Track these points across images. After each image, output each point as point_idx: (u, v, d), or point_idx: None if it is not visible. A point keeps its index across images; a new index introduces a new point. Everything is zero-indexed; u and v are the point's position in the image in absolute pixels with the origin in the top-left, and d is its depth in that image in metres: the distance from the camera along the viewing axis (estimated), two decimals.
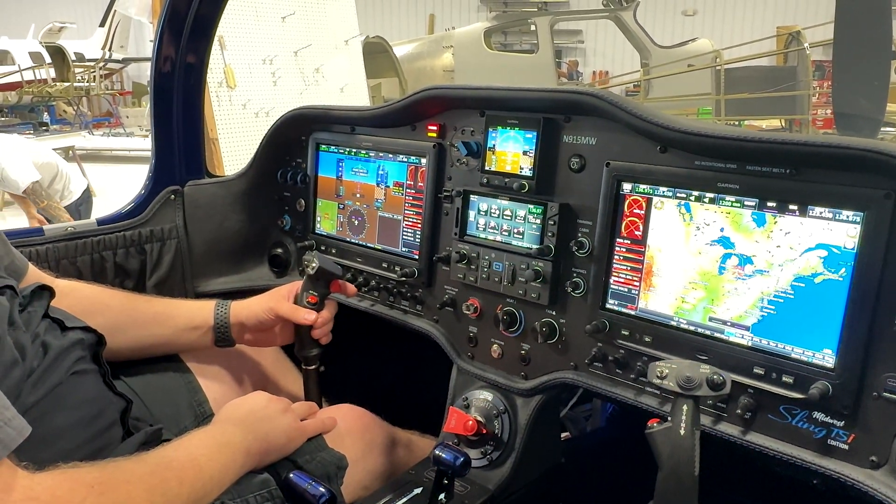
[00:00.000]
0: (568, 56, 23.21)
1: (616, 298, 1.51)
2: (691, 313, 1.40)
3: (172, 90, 2.04)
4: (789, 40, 11.83)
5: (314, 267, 1.73)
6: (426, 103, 1.78)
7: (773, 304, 1.30)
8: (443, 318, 1.84)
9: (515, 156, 1.63)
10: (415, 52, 12.46)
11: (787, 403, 1.28)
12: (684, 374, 1.15)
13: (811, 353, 1.26)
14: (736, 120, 11.60)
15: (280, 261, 2.22)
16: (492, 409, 1.69)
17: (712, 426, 1.35)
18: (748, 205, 1.31)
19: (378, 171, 1.96)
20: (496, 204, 1.69)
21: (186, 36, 1.96)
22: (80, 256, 1.93)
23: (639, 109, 1.41)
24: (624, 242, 1.49)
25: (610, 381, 1.53)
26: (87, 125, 17.28)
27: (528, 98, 1.60)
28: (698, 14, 22.54)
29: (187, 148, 2.15)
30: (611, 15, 12.56)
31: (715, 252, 1.36)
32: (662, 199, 1.43)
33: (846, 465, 1.22)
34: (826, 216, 1.22)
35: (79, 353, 1.34)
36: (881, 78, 3.05)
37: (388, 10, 24.44)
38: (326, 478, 1.52)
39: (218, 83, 6.09)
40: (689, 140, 1.34)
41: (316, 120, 2.06)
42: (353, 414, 1.73)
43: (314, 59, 6.95)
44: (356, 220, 2.03)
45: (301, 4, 6.84)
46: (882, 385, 1.18)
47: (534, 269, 1.60)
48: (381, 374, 2.41)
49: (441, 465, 1.41)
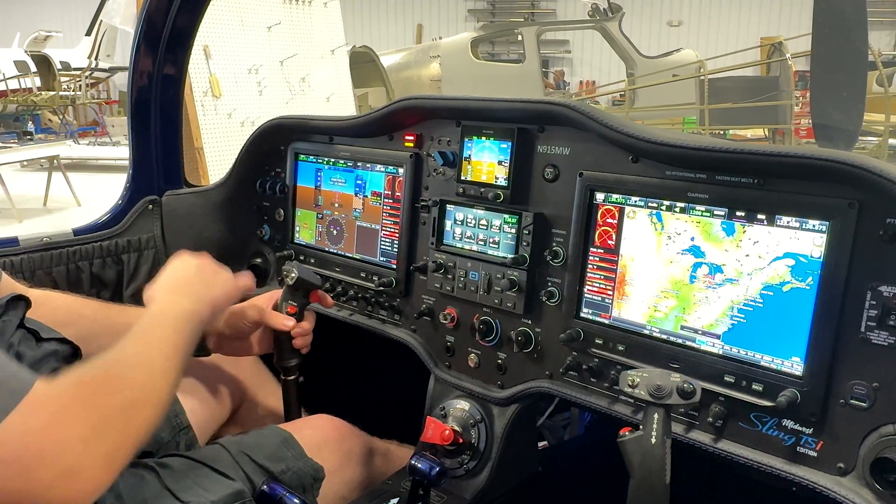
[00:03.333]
0: (555, 66, 23.36)
1: (590, 307, 1.52)
2: (663, 322, 1.42)
3: (150, 101, 2.04)
4: (772, 51, 11.98)
5: (293, 277, 1.73)
6: (403, 113, 1.79)
7: (742, 313, 1.31)
8: (420, 328, 1.84)
9: (491, 165, 1.64)
10: (402, 62, 12.51)
11: (757, 411, 1.29)
12: (655, 382, 1.16)
13: (780, 361, 1.27)
14: (720, 129, 11.72)
15: (259, 270, 2.22)
16: (469, 419, 1.69)
17: (684, 434, 1.36)
18: (718, 214, 1.33)
19: (356, 180, 1.96)
20: (472, 213, 1.69)
21: (164, 47, 1.96)
22: (56, 267, 1.92)
23: (610, 120, 1.42)
24: (597, 252, 1.50)
25: (584, 389, 1.53)
26: (72, 134, 17.17)
27: (502, 108, 1.62)
28: (683, 25, 22.79)
29: (165, 158, 2.14)
30: (597, 26, 12.68)
31: (686, 261, 1.38)
32: (635, 209, 1.44)
33: (815, 472, 1.23)
34: (793, 225, 1.24)
35: (53, 365, 1.33)
36: (856, 90, 3.10)
37: (375, 20, 24.52)
38: (302, 489, 1.51)
39: (203, 92, 6.09)
40: (660, 150, 1.36)
41: (294, 130, 2.07)
42: (331, 424, 1.72)
43: (300, 69, 6.97)
44: (335, 229, 2.03)
45: (287, 14, 6.86)
46: (848, 392, 1.19)
47: (509, 278, 1.61)
48: (359, 383, 2.41)
49: (417, 475, 1.41)
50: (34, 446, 0.94)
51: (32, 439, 0.94)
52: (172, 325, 1.31)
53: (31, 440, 0.94)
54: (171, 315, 1.34)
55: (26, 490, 0.93)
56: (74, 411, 0.99)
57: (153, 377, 1.16)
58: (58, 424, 0.97)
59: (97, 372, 1.09)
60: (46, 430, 0.95)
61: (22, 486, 0.93)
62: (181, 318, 1.34)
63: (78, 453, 0.97)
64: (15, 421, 0.92)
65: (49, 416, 0.97)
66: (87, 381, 1.05)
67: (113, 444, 1.02)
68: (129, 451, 1.07)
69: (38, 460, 0.94)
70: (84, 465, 0.97)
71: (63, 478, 0.95)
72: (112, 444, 1.02)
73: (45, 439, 0.95)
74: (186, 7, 1.93)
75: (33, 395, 0.95)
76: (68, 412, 0.99)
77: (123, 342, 1.19)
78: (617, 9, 12.45)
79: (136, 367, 1.16)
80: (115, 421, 1.04)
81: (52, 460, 0.94)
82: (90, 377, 1.07)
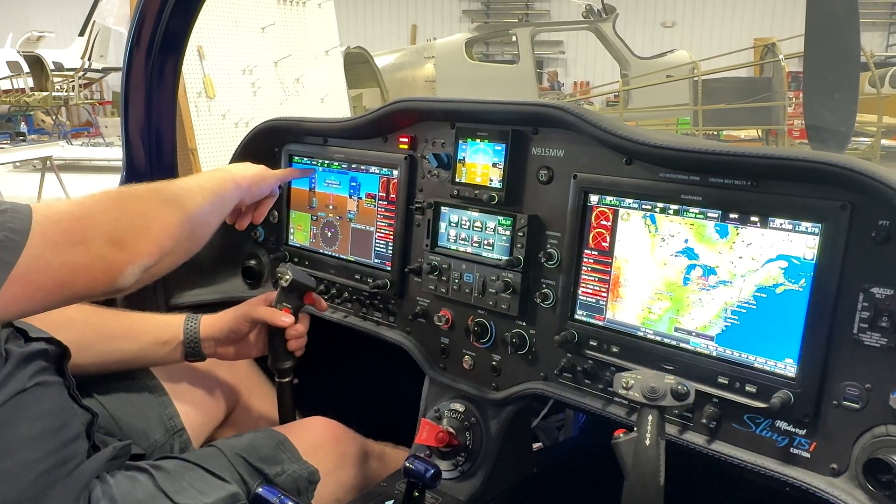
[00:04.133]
0: (549, 67, 23.41)
1: (584, 309, 1.52)
2: (657, 324, 1.42)
3: (144, 102, 2.03)
4: (765, 52, 12.02)
5: (288, 279, 1.72)
6: (397, 115, 1.79)
7: (736, 315, 1.32)
8: (415, 330, 1.84)
9: (485, 168, 1.64)
10: (396, 63, 12.51)
11: (750, 412, 1.29)
12: (649, 384, 1.16)
13: (773, 363, 1.27)
14: (714, 130, 11.76)
15: (253, 273, 2.21)
16: (463, 421, 1.70)
17: (678, 435, 1.37)
18: (711, 216, 1.33)
19: (350, 182, 1.96)
20: (466, 216, 1.70)
21: (157, 49, 1.95)
22: None
23: (604, 122, 1.43)
24: (591, 254, 1.50)
25: (579, 391, 1.54)
26: (65, 135, 17.10)
27: (496, 111, 1.62)
28: (677, 26, 22.87)
29: (159, 161, 2.13)
30: (591, 26, 12.71)
31: (680, 263, 1.38)
32: (629, 211, 1.44)
33: (808, 472, 1.24)
34: (786, 227, 1.25)
35: (42, 364, 1.33)
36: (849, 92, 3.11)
37: (369, 21, 24.52)
38: (297, 492, 1.51)
39: (197, 93, 6.07)
40: (654, 153, 1.36)
41: (288, 132, 2.06)
42: (326, 426, 1.72)
43: (294, 70, 6.95)
44: (329, 231, 2.03)
45: (281, 15, 6.84)
46: (841, 393, 1.20)
47: (504, 280, 1.61)
48: (354, 386, 2.41)
49: (411, 477, 1.41)
50: (74, 225, 1.13)
51: (70, 220, 1.13)
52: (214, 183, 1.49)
53: (69, 220, 1.13)
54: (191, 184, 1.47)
55: (85, 260, 1.12)
56: (98, 204, 1.19)
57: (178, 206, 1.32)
58: (86, 209, 1.17)
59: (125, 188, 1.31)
60: (81, 214, 1.16)
61: (78, 258, 1.11)
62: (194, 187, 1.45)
63: (116, 228, 1.17)
64: (41, 214, 1.09)
65: (76, 204, 1.18)
66: (108, 192, 1.25)
67: (144, 230, 1.22)
68: (165, 237, 1.25)
69: (85, 233, 1.12)
70: (125, 238, 1.17)
71: (110, 246, 1.14)
72: (142, 230, 1.21)
73: (84, 218, 1.15)
74: (180, 8, 1.92)
75: (39, 206, 1.11)
76: (90, 203, 1.19)
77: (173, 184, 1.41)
78: (611, 10, 12.49)
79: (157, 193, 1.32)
80: (143, 217, 1.24)
81: (97, 232, 1.14)
82: (111, 190, 1.27)
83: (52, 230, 1.09)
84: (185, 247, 1.34)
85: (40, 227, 1.07)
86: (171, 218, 1.28)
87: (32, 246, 1.05)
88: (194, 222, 1.35)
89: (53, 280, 1.09)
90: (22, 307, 1.10)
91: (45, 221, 1.08)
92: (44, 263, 1.07)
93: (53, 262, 1.08)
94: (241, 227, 1.73)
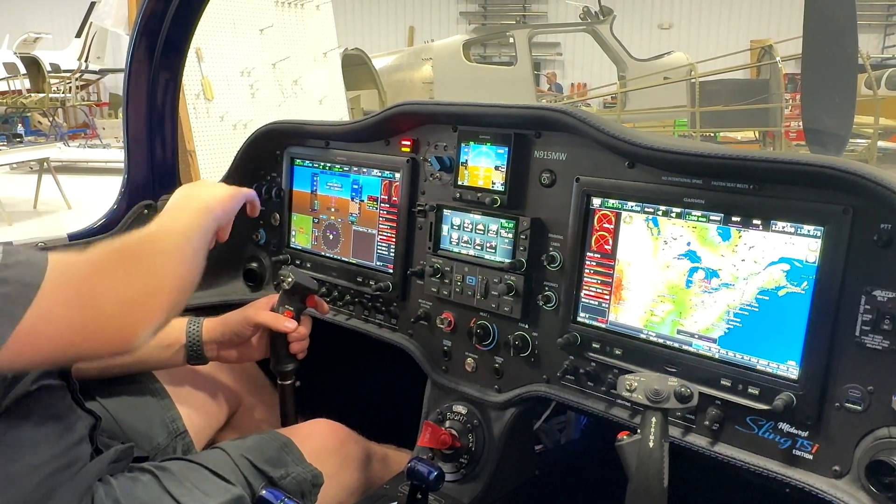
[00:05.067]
0: (546, 68, 23.43)
1: (587, 312, 1.53)
2: (660, 326, 1.43)
3: (145, 105, 2.03)
4: (762, 54, 12.05)
5: (290, 281, 1.73)
6: (400, 118, 1.79)
7: (738, 317, 1.32)
8: (417, 332, 1.84)
9: (487, 171, 1.64)
10: (394, 65, 12.51)
11: (753, 414, 1.30)
12: (652, 386, 1.17)
13: (776, 365, 1.28)
14: (711, 132, 11.78)
15: (255, 275, 2.21)
16: (466, 423, 1.70)
17: (681, 438, 1.37)
18: (714, 219, 1.34)
19: (352, 185, 1.96)
20: (469, 218, 1.70)
21: (159, 51, 1.95)
22: None
23: (606, 126, 1.43)
24: (594, 256, 1.51)
25: (582, 393, 1.54)
26: (62, 136, 17.06)
27: (499, 114, 1.62)
28: (674, 28, 22.92)
29: (161, 163, 2.14)
30: (588, 28, 12.72)
31: (682, 266, 1.39)
32: (631, 214, 1.45)
33: (811, 474, 1.24)
34: (788, 231, 1.25)
35: None
36: (846, 95, 3.13)
37: (367, 23, 24.53)
38: (300, 494, 1.51)
39: (195, 95, 6.06)
40: (656, 156, 1.37)
41: (290, 134, 2.07)
42: (329, 429, 1.72)
43: (292, 72, 6.94)
44: (331, 234, 2.04)
45: (279, 17, 6.84)
46: (843, 396, 1.21)
47: (506, 283, 1.62)
48: (356, 388, 2.41)
49: (415, 479, 1.41)
50: (84, 287, 1.08)
51: (80, 283, 1.08)
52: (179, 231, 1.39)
53: (78, 283, 1.08)
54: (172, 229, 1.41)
55: (94, 324, 1.08)
56: (107, 265, 1.15)
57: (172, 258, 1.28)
58: (96, 273, 1.12)
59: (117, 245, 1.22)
60: (89, 276, 1.10)
61: (89, 320, 1.07)
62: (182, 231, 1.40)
63: (127, 291, 1.12)
64: (56, 269, 1.05)
65: (86, 264, 1.12)
66: (123, 244, 1.22)
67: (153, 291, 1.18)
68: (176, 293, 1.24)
69: (94, 296, 1.08)
70: (136, 299, 1.13)
71: (122, 308, 1.11)
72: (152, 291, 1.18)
73: (92, 279, 1.10)
74: (182, 11, 1.93)
75: (56, 259, 1.07)
76: (101, 265, 1.14)
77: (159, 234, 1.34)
78: (608, 11, 12.50)
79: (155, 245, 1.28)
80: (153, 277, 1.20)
81: (106, 296, 1.09)
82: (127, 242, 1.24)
83: (64, 288, 1.04)
84: (188, 293, 1.30)
85: (52, 284, 1.02)
86: (177, 270, 1.26)
87: (42, 302, 1.00)
88: (194, 267, 1.33)
89: (60, 340, 1.04)
90: (24, 363, 1.07)
91: (59, 277, 1.04)
92: (52, 322, 1.02)
93: (62, 322, 1.04)
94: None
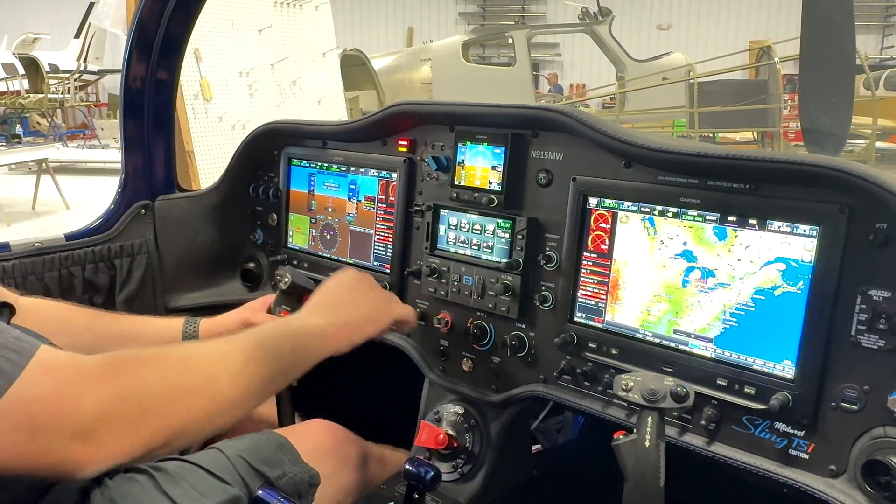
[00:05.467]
0: (546, 69, 23.45)
1: (583, 312, 1.53)
2: (656, 326, 1.43)
3: (143, 106, 2.03)
4: (760, 55, 12.07)
5: (287, 282, 1.72)
6: (397, 118, 1.79)
7: (734, 317, 1.32)
8: (414, 332, 1.84)
9: (484, 171, 1.64)
10: (393, 65, 12.52)
11: (749, 414, 1.30)
12: (649, 386, 1.17)
13: (772, 365, 1.28)
14: (709, 132, 11.79)
15: (252, 275, 2.21)
16: (463, 423, 1.70)
17: (678, 437, 1.37)
18: (710, 219, 1.34)
19: (350, 185, 1.96)
20: (466, 218, 1.70)
21: (157, 52, 1.95)
22: (48, 272, 1.91)
23: (603, 126, 1.43)
24: (591, 256, 1.51)
25: (579, 393, 1.54)
26: (61, 137, 17.06)
27: (496, 114, 1.62)
28: (673, 28, 22.94)
29: (158, 163, 2.14)
30: (587, 29, 12.73)
31: (678, 265, 1.39)
32: (627, 214, 1.45)
33: (806, 474, 1.24)
34: (784, 230, 1.25)
35: None
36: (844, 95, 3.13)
37: (366, 23, 24.54)
38: (297, 495, 1.51)
39: (194, 95, 6.06)
40: (652, 156, 1.37)
41: (287, 134, 2.07)
42: (326, 429, 1.72)
43: (291, 72, 6.95)
44: (328, 234, 2.04)
45: (278, 17, 6.85)
46: (839, 395, 1.21)
47: (503, 282, 1.62)
48: (353, 388, 2.40)
49: (411, 479, 1.41)
50: (45, 409, 0.92)
51: (43, 403, 0.93)
52: (276, 338, 1.24)
53: (41, 404, 0.93)
54: (283, 329, 1.31)
55: (39, 452, 0.93)
56: (96, 377, 0.97)
57: (205, 377, 1.09)
58: (75, 386, 0.95)
59: (140, 352, 1.06)
60: (62, 393, 0.94)
61: (35, 450, 0.92)
62: (293, 333, 1.30)
63: (94, 418, 0.94)
64: (28, 380, 0.92)
65: (67, 378, 0.95)
66: (122, 356, 1.02)
67: (137, 418, 0.98)
68: (160, 434, 1.02)
69: (51, 422, 0.92)
70: (101, 431, 0.95)
71: (77, 440, 0.93)
72: (135, 417, 0.98)
73: (61, 401, 0.93)
74: (180, 11, 1.93)
75: (42, 355, 0.95)
76: (88, 377, 0.97)
77: (204, 343, 1.18)
78: (607, 12, 12.52)
79: (190, 362, 1.09)
80: (145, 398, 1.00)
81: (65, 423, 0.93)
82: (128, 353, 1.04)
83: (19, 411, 0.92)
84: (199, 436, 1.12)
85: (8, 404, 0.91)
86: (187, 411, 1.05)
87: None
88: (230, 403, 1.11)
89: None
90: None
91: (18, 398, 0.92)
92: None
93: (1, 444, 0.92)
94: None
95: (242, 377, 1.14)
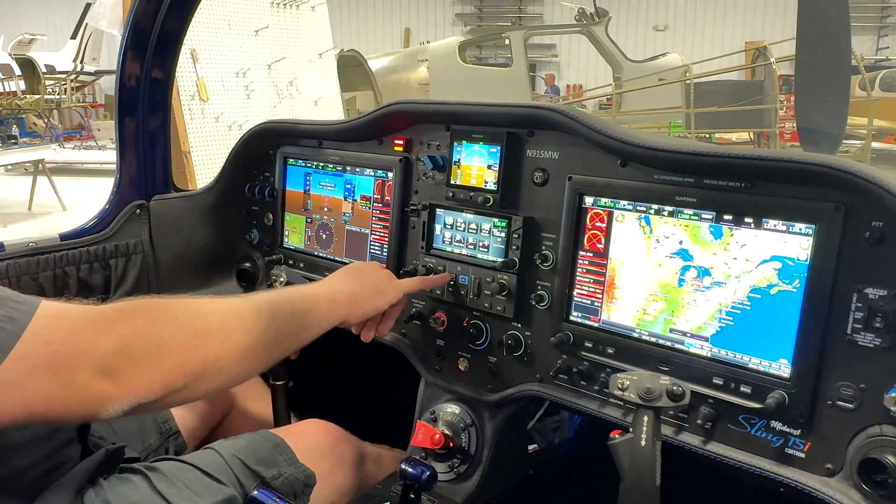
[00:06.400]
0: (542, 70, 23.47)
1: (579, 311, 1.52)
2: (652, 325, 1.42)
3: (137, 106, 2.02)
4: (757, 55, 12.09)
5: (282, 281, 1.72)
6: (392, 118, 1.79)
7: (730, 316, 1.32)
8: (410, 332, 1.84)
9: (480, 170, 1.64)
10: (390, 66, 12.52)
11: (745, 413, 1.30)
12: (644, 385, 1.17)
13: (768, 364, 1.28)
14: (706, 133, 11.81)
15: (248, 275, 2.21)
16: (459, 423, 1.69)
17: (674, 436, 1.37)
18: (706, 218, 1.34)
19: (345, 184, 1.96)
20: (462, 217, 1.70)
21: (151, 52, 1.94)
22: (43, 272, 1.90)
23: (598, 124, 1.43)
24: (586, 255, 1.50)
25: (575, 392, 1.54)
26: (57, 138, 17.03)
27: (491, 113, 1.62)
28: (669, 29, 22.98)
29: (153, 163, 2.13)
30: (583, 30, 12.73)
31: (674, 264, 1.39)
32: (623, 213, 1.45)
33: (803, 473, 1.24)
34: (780, 229, 1.25)
35: None
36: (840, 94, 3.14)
37: (363, 24, 24.54)
38: (293, 495, 1.51)
39: (190, 96, 6.05)
40: (648, 154, 1.37)
41: (283, 134, 2.06)
42: (322, 429, 1.72)
43: (288, 73, 6.94)
44: (324, 233, 2.03)
45: (275, 18, 6.84)
46: (835, 394, 1.20)
47: (499, 282, 1.62)
48: (349, 388, 2.40)
49: (407, 479, 1.41)
50: (64, 348, 0.95)
51: (61, 343, 0.96)
52: (288, 298, 1.29)
53: (59, 344, 0.95)
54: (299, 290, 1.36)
55: (65, 392, 0.95)
56: (108, 319, 1.00)
57: (217, 320, 1.12)
58: (89, 327, 0.98)
59: (150, 300, 1.08)
60: (78, 333, 0.97)
61: (60, 390, 0.95)
62: (308, 295, 1.34)
63: (113, 354, 0.97)
64: (40, 324, 0.95)
65: (79, 320, 0.98)
66: (132, 302, 1.05)
67: (153, 353, 1.01)
68: (178, 372, 1.04)
69: (70, 360, 0.95)
70: (121, 367, 0.98)
71: (99, 376, 0.96)
72: (152, 353, 1.01)
73: (78, 341, 0.96)
74: (174, 11, 1.92)
75: (48, 304, 0.98)
76: (101, 318, 1.00)
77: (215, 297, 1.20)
78: (603, 13, 12.53)
79: (201, 308, 1.12)
80: (159, 336, 1.03)
81: (85, 360, 0.96)
82: (139, 300, 1.07)
83: (37, 353, 0.95)
84: (216, 383, 1.12)
85: (26, 347, 0.94)
86: (201, 351, 1.07)
87: (7, 369, 0.93)
88: (242, 349, 1.13)
89: (22, 408, 0.96)
90: None
91: (34, 340, 0.95)
92: (14, 390, 0.94)
93: (26, 390, 0.95)
94: (366, 339, 1.58)
95: (255, 325, 1.16)
